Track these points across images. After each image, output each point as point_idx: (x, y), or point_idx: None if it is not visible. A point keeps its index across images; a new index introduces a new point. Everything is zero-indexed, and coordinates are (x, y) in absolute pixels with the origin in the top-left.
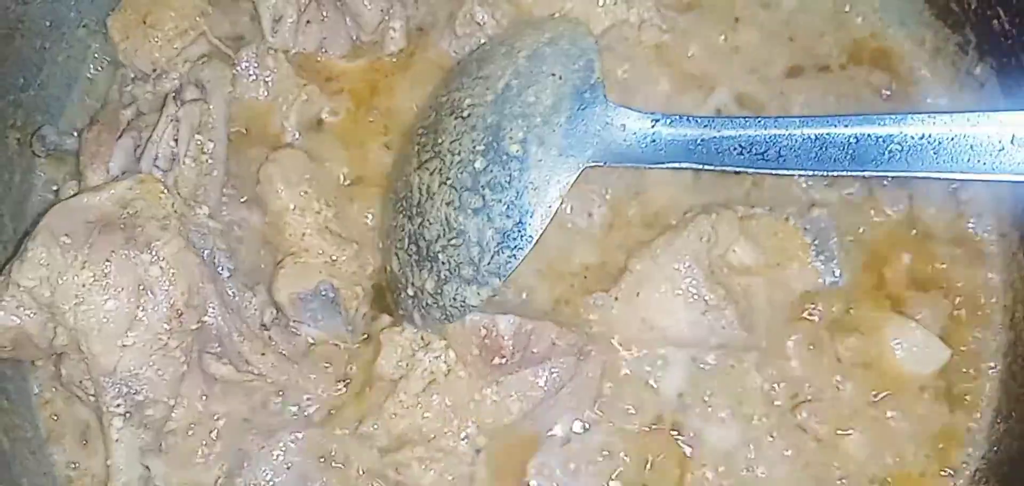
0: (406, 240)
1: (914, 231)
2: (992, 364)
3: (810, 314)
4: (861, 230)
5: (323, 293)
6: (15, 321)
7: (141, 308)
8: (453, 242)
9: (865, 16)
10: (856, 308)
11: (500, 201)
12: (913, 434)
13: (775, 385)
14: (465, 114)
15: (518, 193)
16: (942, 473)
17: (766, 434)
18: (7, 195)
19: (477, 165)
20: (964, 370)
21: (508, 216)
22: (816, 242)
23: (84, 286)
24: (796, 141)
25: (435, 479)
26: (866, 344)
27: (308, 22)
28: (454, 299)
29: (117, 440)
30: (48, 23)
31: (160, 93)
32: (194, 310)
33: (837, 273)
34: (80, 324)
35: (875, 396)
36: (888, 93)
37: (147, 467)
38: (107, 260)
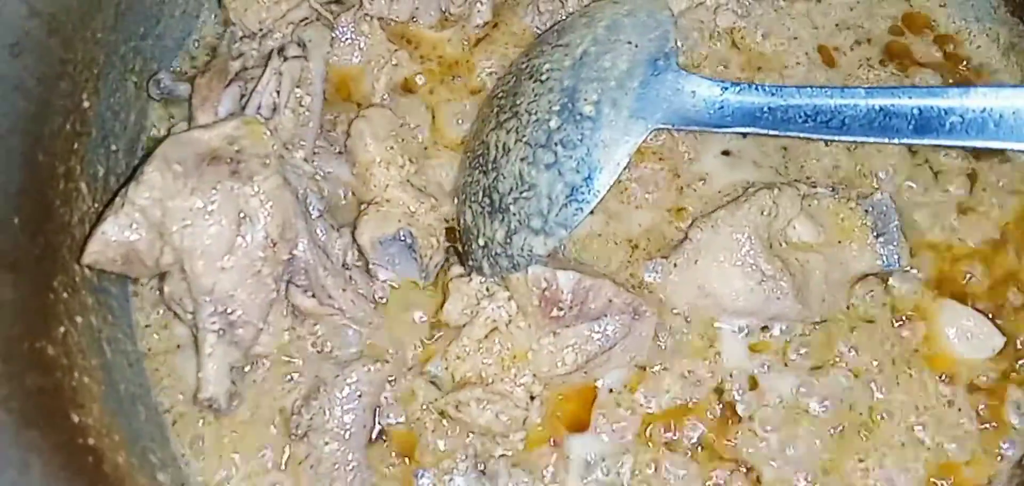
0: (480, 193)
1: (973, 216)
2: None
3: (866, 294)
4: (922, 214)
5: (401, 238)
6: (128, 237)
7: (240, 235)
8: (525, 195)
9: (937, 10)
10: (912, 290)
11: (571, 157)
12: (963, 417)
13: (825, 361)
14: (543, 78)
15: (589, 150)
16: (990, 457)
17: (815, 404)
18: (123, 133)
19: (552, 124)
20: (1017, 356)
21: (578, 172)
22: (877, 224)
23: (192, 210)
24: (861, 110)
25: (491, 419)
26: (921, 327)
27: None
28: (522, 248)
29: (210, 354)
30: None
31: (265, 50)
32: (286, 242)
33: (896, 256)
34: (185, 245)
35: (927, 378)
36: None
37: (234, 383)
38: (214, 189)
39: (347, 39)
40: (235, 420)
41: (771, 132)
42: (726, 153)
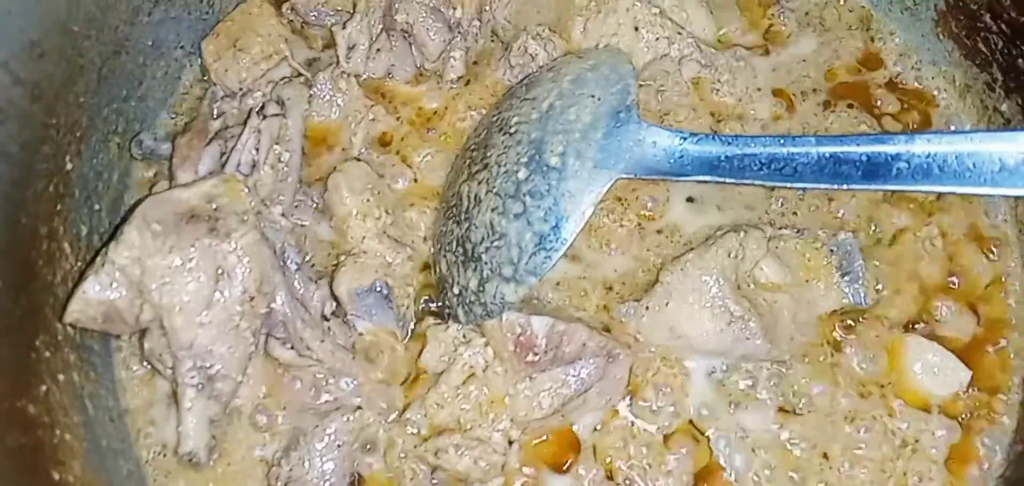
0: (454, 243)
1: (936, 252)
2: (1012, 384)
3: (833, 332)
4: (885, 252)
5: (378, 289)
6: (108, 295)
7: (219, 291)
8: (495, 244)
9: (894, 55)
10: (879, 328)
11: (539, 207)
12: (931, 452)
13: (795, 398)
14: (512, 130)
15: (556, 200)
16: None
17: (784, 442)
18: (106, 192)
19: (520, 175)
20: (984, 391)
21: (546, 221)
22: (842, 263)
23: (170, 268)
24: (812, 158)
25: (470, 465)
26: (887, 363)
27: (378, 50)
28: (494, 296)
29: (189, 408)
30: (150, 43)
31: (245, 109)
32: (264, 296)
33: (861, 294)
34: (164, 302)
35: (894, 414)
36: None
37: (214, 436)
38: (192, 246)
39: (325, 96)
40: (216, 473)
41: (728, 180)
42: (690, 200)
